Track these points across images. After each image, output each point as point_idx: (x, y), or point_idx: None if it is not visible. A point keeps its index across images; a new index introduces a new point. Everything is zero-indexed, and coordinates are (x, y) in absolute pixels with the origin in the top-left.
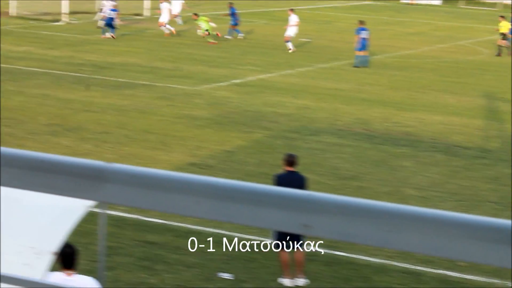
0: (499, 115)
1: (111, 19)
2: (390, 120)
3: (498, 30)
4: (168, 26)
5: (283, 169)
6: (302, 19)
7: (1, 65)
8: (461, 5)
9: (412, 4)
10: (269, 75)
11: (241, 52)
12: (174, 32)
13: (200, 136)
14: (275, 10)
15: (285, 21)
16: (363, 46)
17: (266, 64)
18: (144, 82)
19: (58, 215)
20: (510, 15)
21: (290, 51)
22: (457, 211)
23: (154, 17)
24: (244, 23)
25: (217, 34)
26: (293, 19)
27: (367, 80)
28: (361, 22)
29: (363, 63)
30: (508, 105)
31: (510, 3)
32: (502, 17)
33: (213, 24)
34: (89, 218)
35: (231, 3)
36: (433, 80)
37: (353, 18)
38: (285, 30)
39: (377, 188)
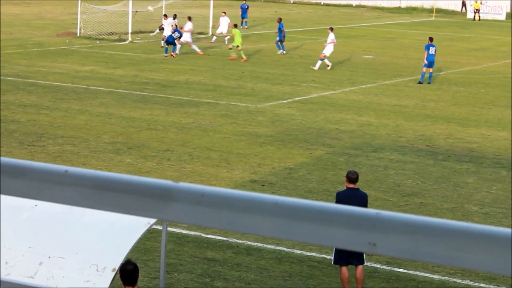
0: None
1: (171, 36)
2: (454, 137)
3: None
4: (194, 46)
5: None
6: (366, 36)
7: (67, 84)
8: None
9: (476, 20)
10: (332, 92)
11: (304, 69)
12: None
13: (262, 153)
14: (338, 27)
15: (348, 38)
16: (429, 62)
17: (328, 81)
18: (207, 100)
19: (119, 232)
20: None
21: (314, 68)
22: None
23: (219, 36)
24: (307, 41)
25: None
26: (330, 37)
27: (430, 97)
28: (430, 39)
29: (427, 79)
30: None
31: None
32: None
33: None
34: (149, 235)
35: (280, 19)
36: (497, 96)
37: (417, 35)
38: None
39: (440, 204)
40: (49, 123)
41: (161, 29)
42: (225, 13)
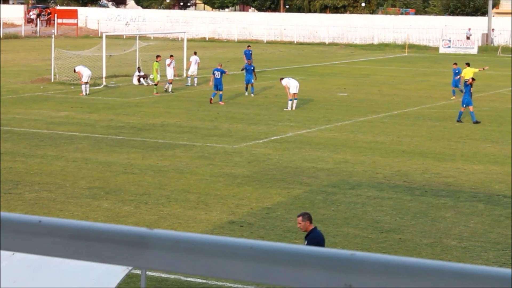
0: None
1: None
2: (430, 171)
3: (463, 77)
4: (84, 87)
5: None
6: (340, 74)
7: (42, 130)
8: (498, 53)
9: (449, 54)
10: (308, 130)
11: (279, 108)
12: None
13: (240, 194)
14: (312, 66)
15: (322, 76)
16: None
17: (304, 120)
18: (183, 142)
19: (98, 278)
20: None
21: (287, 109)
22: (500, 260)
23: (191, 77)
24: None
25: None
26: (284, 83)
27: (406, 132)
28: (473, 79)
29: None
30: None
31: None
32: (468, 64)
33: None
34: (129, 280)
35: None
36: (472, 130)
37: (391, 71)
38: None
39: (419, 240)
40: (25, 170)
41: (139, 70)
42: (195, 52)
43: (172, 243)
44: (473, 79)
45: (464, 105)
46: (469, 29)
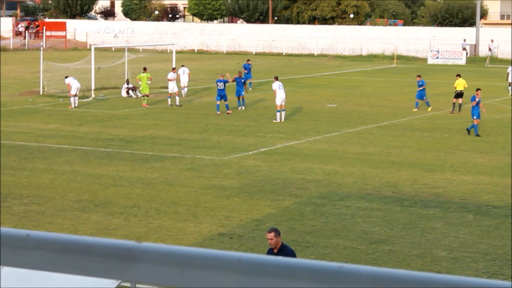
0: None
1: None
2: (419, 182)
3: (455, 88)
4: (73, 99)
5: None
6: (329, 85)
7: (31, 143)
8: (486, 64)
9: (437, 65)
10: (297, 142)
11: (268, 120)
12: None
13: (229, 206)
14: (301, 77)
15: (311, 87)
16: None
17: (293, 131)
18: (172, 154)
19: None
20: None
21: (276, 121)
22: (490, 271)
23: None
24: (271, 92)
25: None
26: (275, 86)
27: (395, 143)
28: (478, 89)
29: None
30: None
31: None
32: (459, 75)
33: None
34: None
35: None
36: (461, 140)
37: (379, 82)
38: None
39: (408, 251)
40: (14, 183)
41: (127, 83)
42: (183, 65)
43: (160, 256)
44: (478, 89)
45: (475, 117)
46: (464, 40)
